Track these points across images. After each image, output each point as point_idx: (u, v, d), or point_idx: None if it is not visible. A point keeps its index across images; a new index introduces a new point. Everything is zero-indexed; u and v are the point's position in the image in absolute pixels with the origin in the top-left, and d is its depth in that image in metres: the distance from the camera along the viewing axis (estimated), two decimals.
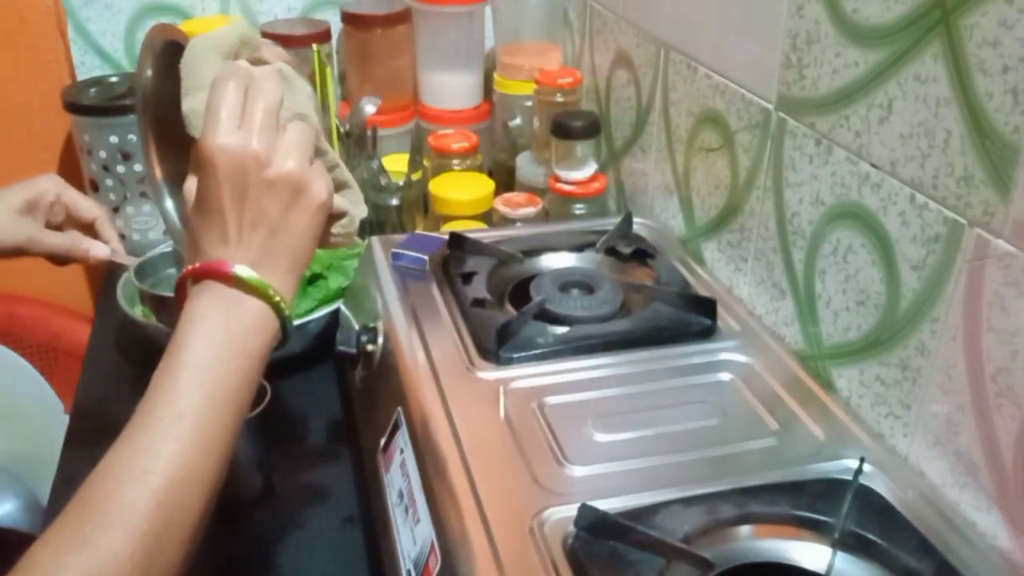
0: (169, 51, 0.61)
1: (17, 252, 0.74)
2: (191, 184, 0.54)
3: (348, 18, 1.23)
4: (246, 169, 0.52)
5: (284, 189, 0.53)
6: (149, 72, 0.61)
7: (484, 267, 0.85)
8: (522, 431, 0.65)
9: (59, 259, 0.76)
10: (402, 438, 0.68)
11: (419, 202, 1.14)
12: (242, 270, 0.53)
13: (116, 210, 1.16)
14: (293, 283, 0.56)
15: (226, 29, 0.59)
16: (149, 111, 0.59)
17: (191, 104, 0.55)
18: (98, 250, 0.77)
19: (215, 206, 0.53)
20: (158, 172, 0.64)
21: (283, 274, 0.54)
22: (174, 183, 0.67)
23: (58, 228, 0.76)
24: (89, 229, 0.78)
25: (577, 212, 1.06)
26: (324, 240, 0.59)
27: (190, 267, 0.53)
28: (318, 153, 0.58)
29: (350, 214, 0.61)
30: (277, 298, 0.54)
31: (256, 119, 0.53)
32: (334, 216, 0.60)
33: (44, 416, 1.26)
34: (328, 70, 1.10)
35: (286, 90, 0.57)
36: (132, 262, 0.87)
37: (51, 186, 0.75)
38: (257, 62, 0.59)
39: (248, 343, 0.53)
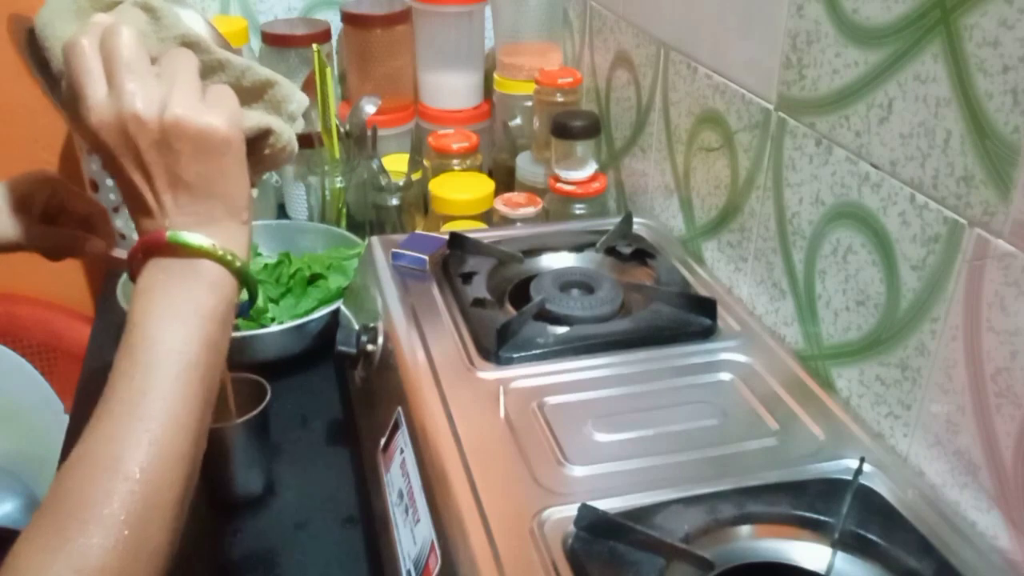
0: (33, 37, 0.56)
1: (13, 247, 0.73)
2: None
3: (348, 18, 1.23)
4: (131, 135, 0.49)
5: (178, 142, 0.49)
6: (36, 73, 0.56)
7: (484, 267, 0.85)
8: (522, 431, 0.65)
9: (54, 254, 0.75)
10: (402, 438, 0.68)
11: (419, 202, 1.14)
12: (175, 235, 0.50)
13: (116, 210, 1.16)
14: (238, 229, 0.53)
15: None
16: (64, 110, 0.54)
17: (66, 89, 0.51)
18: (94, 245, 0.75)
19: (125, 182, 0.50)
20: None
21: (223, 225, 0.52)
22: None
23: (54, 223, 0.76)
24: (85, 224, 0.77)
25: (577, 212, 1.06)
26: (255, 169, 0.55)
27: (133, 247, 0.51)
28: (210, 72, 0.54)
29: (275, 128, 0.55)
30: (221, 252, 0.51)
31: (120, 77, 0.49)
32: (257, 138, 0.55)
33: (44, 416, 1.26)
34: (328, 70, 1.10)
35: (150, 20, 0.53)
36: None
37: (47, 181, 0.75)
38: (113, 5, 0.54)
39: (203, 307, 0.50)
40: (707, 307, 0.78)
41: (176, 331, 0.49)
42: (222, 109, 0.51)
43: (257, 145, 0.55)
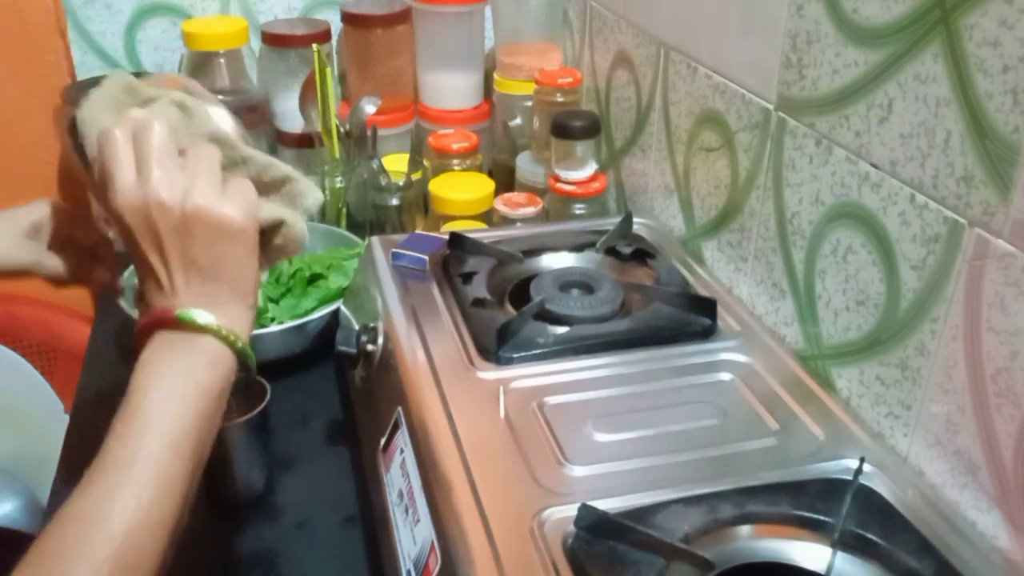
0: (75, 124, 0.60)
1: (20, 273, 0.74)
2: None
3: (348, 18, 1.23)
4: (153, 219, 0.52)
5: (196, 228, 0.53)
6: (75, 156, 0.59)
7: (484, 267, 0.85)
8: (522, 431, 0.65)
9: (60, 281, 0.77)
10: (402, 438, 0.68)
11: (419, 202, 1.14)
12: (183, 313, 0.53)
13: None
14: (243, 312, 0.55)
15: (107, 83, 0.58)
16: (94, 193, 0.58)
17: (99, 174, 0.54)
18: (100, 274, 0.77)
19: (141, 260, 0.54)
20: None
21: (228, 307, 0.54)
22: None
23: (61, 251, 0.76)
24: (91, 253, 0.78)
25: (577, 212, 1.06)
26: (267, 256, 0.58)
27: (142, 321, 0.54)
28: (233, 165, 0.57)
29: (288, 221, 0.58)
30: (224, 332, 0.53)
31: (149, 164, 0.52)
32: (270, 229, 0.58)
33: (44, 416, 1.26)
34: (328, 70, 1.10)
35: (183, 116, 0.56)
36: (133, 285, 0.87)
37: (56, 210, 0.76)
38: (150, 101, 0.58)
39: (201, 383, 0.53)
40: (707, 307, 0.78)
41: (173, 402, 0.51)
42: (240, 200, 0.54)
43: (270, 235, 0.58)
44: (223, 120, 0.60)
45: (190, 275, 0.54)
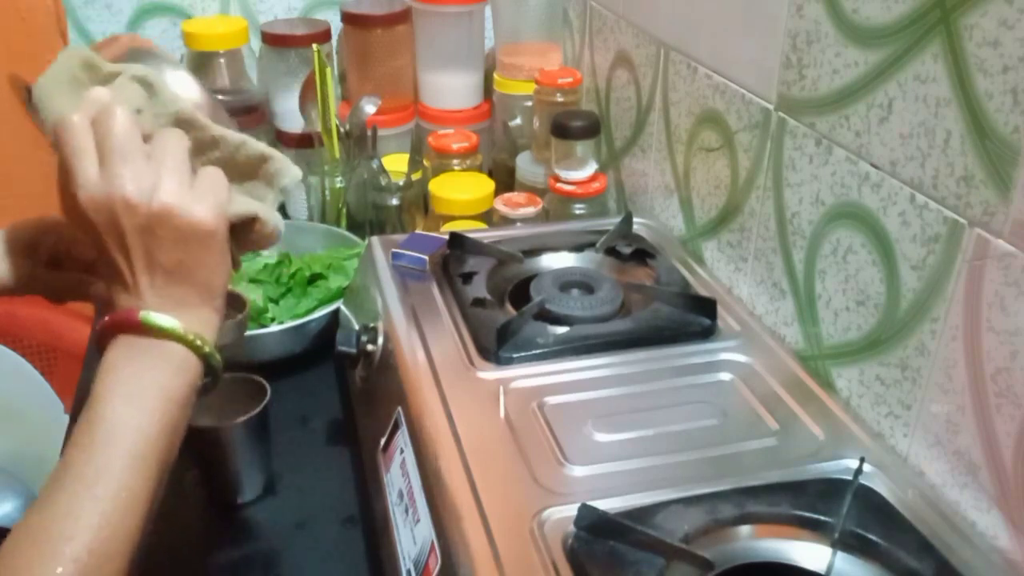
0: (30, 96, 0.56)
1: (18, 291, 0.74)
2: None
3: (348, 18, 1.23)
4: (118, 217, 0.49)
5: (163, 229, 0.50)
6: (40, 127, 0.56)
7: (484, 267, 0.85)
8: (522, 431, 0.65)
9: (58, 297, 0.76)
10: (402, 438, 0.68)
11: (419, 202, 1.14)
12: (147, 316, 0.50)
13: None
14: (210, 316, 0.53)
15: (63, 57, 0.54)
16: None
17: (60, 162, 0.51)
18: (97, 289, 0.77)
19: (107, 258, 0.51)
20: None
21: (196, 311, 0.52)
22: None
23: (58, 268, 0.76)
24: (89, 269, 0.78)
25: (577, 212, 1.06)
26: (240, 249, 0.56)
27: (104, 323, 0.51)
28: (205, 148, 0.54)
29: (261, 216, 0.55)
30: (191, 336, 0.51)
31: (113, 157, 0.49)
32: (242, 223, 0.55)
33: (44, 416, 1.26)
34: (328, 70, 1.10)
35: (146, 95, 0.53)
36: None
37: (54, 227, 0.75)
38: (111, 77, 0.54)
39: (166, 390, 0.51)
40: (707, 307, 0.78)
41: (137, 411, 0.49)
42: (210, 199, 0.51)
43: (243, 229, 0.55)
44: (189, 89, 0.56)
45: (155, 277, 0.51)
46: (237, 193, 0.55)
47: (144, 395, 0.50)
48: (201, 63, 1.19)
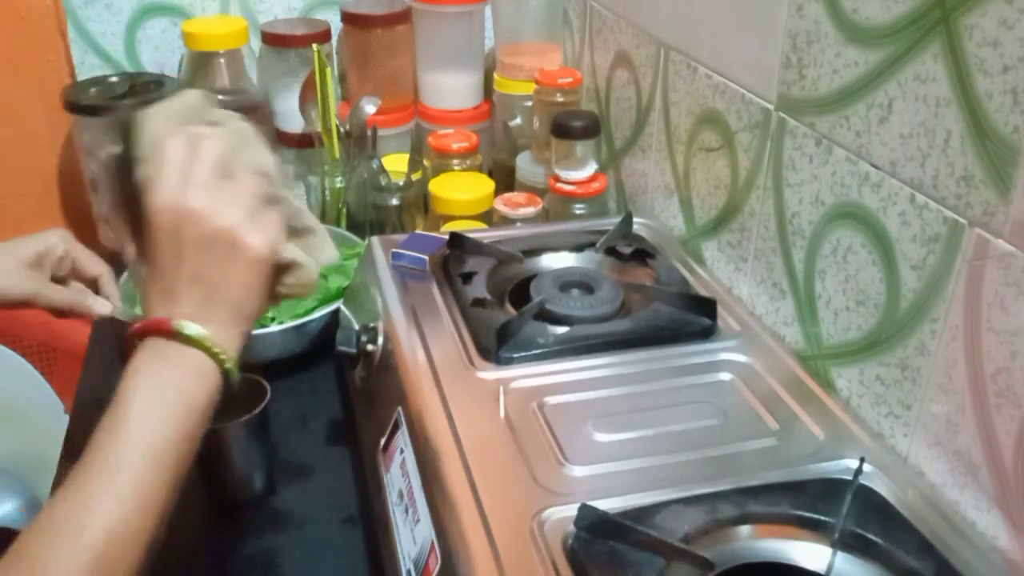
0: (132, 125, 0.61)
1: (23, 304, 0.75)
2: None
3: (348, 18, 1.23)
4: (183, 226, 0.54)
5: (220, 245, 0.54)
6: (114, 149, 0.60)
7: (484, 267, 0.85)
8: (522, 431, 0.65)
9: (61, 312, 0.77)
10: (402, 438, 0.68)
11: (419, 202, 1.14)
12: (180, 324, 0.53)
13: None
14: (237, 336, 0.56)
15: (182, 97, 0.60)
16: (118, 189, 0.59)
17: (146, 171, 0.56)
18: (101, 307, 0.78)
19: (159, 262, 0.55)
20: (131, 250, 0.63)
21: (224, 328, 0.55)
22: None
23: (62, 281, 0.77)
24: (93, 284, 0.79)
25: (577, 212, 1.06)
26: (275, 292, 0.60)
27: (135, 325, 0.54)
28: (272, 202, 0.59)
29: (304, 265, 0.60)
30: (216, 350, 0.54)
31: (197, 175, 0.55)
32: (284, 267, 0.59)
33: (44, 416, 1.26)
34: (328, 70, 1.10)
35: (240, 145, 0.58)
36: (133, 318, 0.87)
37: (59, 241, 0.76)
38: (213, 124, 0.60)
39: (187, 396, 0.53)
40: (707, 307, 0.78)
41: (159, 416, 0.52)
42: (266, 233, 0.56)
43: (284, 274, 0.59)
44: (272, 164, 0.62)
45: (197, 289, 0.54)
46: (287, 243, 0.60)
47: (166, 400, 0.52)
48: (201, 63, 1.19)
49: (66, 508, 0.48)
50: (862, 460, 0.61)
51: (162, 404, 0.52)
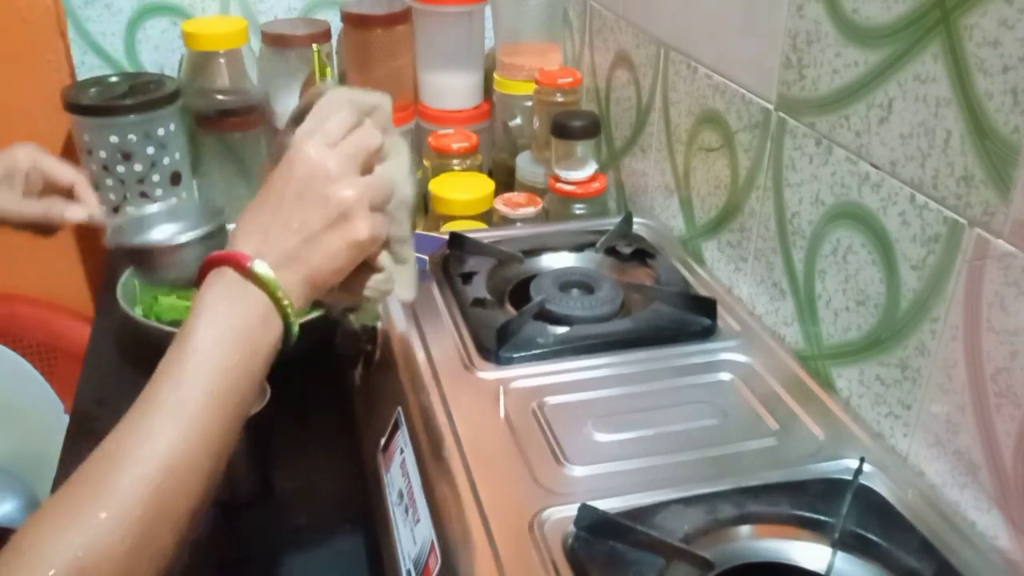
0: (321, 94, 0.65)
1: (4, 222, 0.74)
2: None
3: (348, 18, 1.23)
4: (313, 177, 0.55)
5: (333, 209, 0.55)
6: (297, 109, 0.63)
7: (484, 267, 0.85)
8: (522, 431, 0.65)
9: (39, 228, 0.76)
10: (402, 438, 0.68)
11: (419, 202, 1.14)
12: (259, 265, 0.53)
13: (116, 210, 1.16)
14: (304, 294, 0.56)
15: (375, 96, 0.62)
16: (286, 133, 0.62)
17: (308, 123, 0.58)
18: (73, 212, 0.76)
19: (271, 197, 0.55)
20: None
21: (297, 282, 0.55)
22: None
23: (36, 196, 0.76)
24: (70, 195, 0.78)
25: (577, 212, 1.06)
26: (353, 286, 0.60)
27: (217, 252, 0.54)
28: (390, 215, 0.61)
29: (389, 275, 0.62)
30: (283, 298, 0.54)
31: (346, 148, 0.57)
32: (371, 266, 0.60)
33: (44, 416, 1.26)
34: (328, 70, 1.10)
35: (395, 161, 0.61)
36: (111, 222, 0.87)
37: (25, 155, 0.75)
38: (386, 131, 0.63)
39: (253, 338, 0.53)
40: (707, 307, 0.78)
41: (227, 355, 0.51)
42: (376, 226, 0.58)
43: (365, 270, 0.61)
44: (409, 187, 0.65)
45: (289, 236, 0.54)
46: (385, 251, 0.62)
47: (233, 339, 0.52)
48: (201, 63, 1.19)
49: (129, 437, 0.47)
50: (862, 460, 0.61)
51: (228, 343, 0.51)
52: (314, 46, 1.10)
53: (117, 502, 0.45)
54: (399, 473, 0.66)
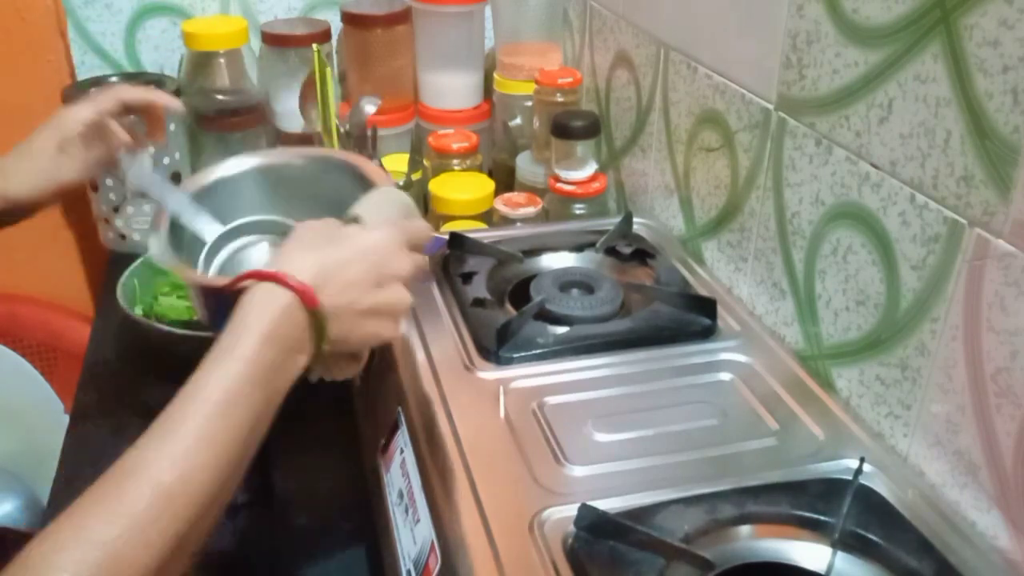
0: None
1: (84, 180, 0.78)
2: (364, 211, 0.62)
3: (348, 18, 1.23)
4: (375, 252, 0.58)
5: (391, 306, 0.58)
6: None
7: (484, 267, 0.85)
8: (522, 431, 0.65)
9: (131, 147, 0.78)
10: (402, 438, 0.68)
11: (419, 202, 1.14)
12: (320, 308, 0.54)
13: (116, 210, 1.16)
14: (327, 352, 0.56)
15: (408, 207, 0.68)
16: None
17: (359, 210, 0.62)
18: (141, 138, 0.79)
19: (342, 253, 0.56)
20: None
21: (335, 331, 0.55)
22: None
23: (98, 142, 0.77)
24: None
25: (577, 212, 1.06)
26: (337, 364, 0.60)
27: (278, 274, 0.53)
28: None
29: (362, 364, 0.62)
30: (324, 342, 0.54)
31: (411, 237, 0.61)
32: (355, 357, 0.60)
33: (44, 416, 1.26)
34: (328, 70, 1.10)
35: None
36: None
37: (73, 120, 0.76)
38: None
39: (292, 369, 0.53)
40: (707, 307, 0.78)
41: (279, 376, 0.52)
42: (393, 329, 0.59)
43: (348, 359, 0.60)
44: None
45: (342, 295, 0.55)
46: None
47: (281, 368, 0.52)
48: (201, 63, 1.19)
49: (148, 451, 0.47)
50: (862, 460, 0.61)
51: (274, 370, 0.51)
52: (314, 46, 1.10)
53: (129, 520, 0.44)
54: (399, 473, 0.66)
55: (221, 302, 0.55)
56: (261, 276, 0.54)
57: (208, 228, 0.70)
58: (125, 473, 0.46)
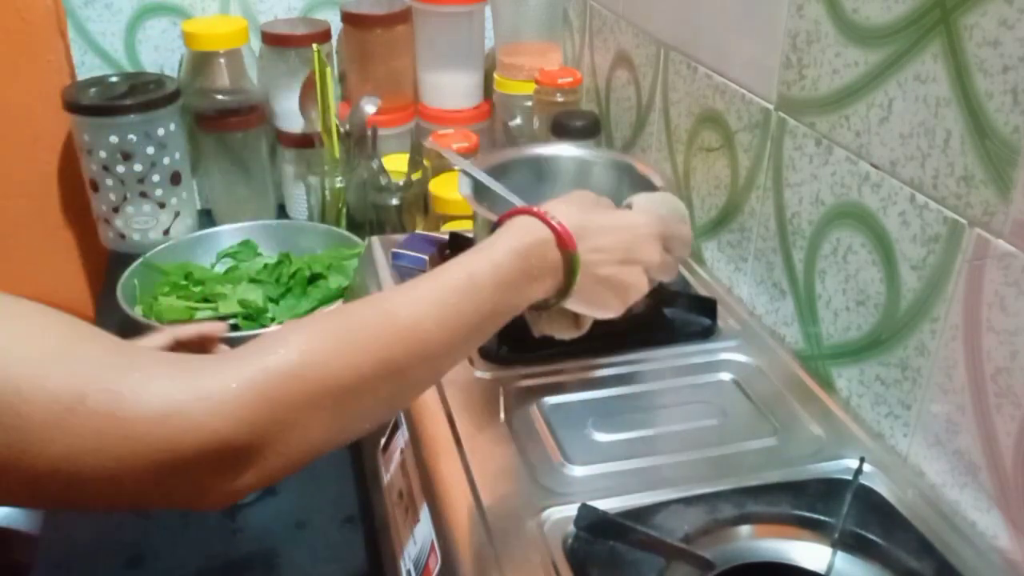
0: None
1: None
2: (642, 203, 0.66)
3: (348, 18, 1.23)
4: (638, 237, 0.60)
5: (636, 278, 0.60)
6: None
7: None
8: (522, 431, 0.65)
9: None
10: (402, 438, 0.68)
11: (419, 202, 1.14)
12: (577, 256, 0.56)
13: (116, 210, 1.16)
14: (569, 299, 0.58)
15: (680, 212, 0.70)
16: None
17: (634, 199, 0.67)
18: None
19: (609, 221, 0.60)
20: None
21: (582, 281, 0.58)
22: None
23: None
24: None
25: None
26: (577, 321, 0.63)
27: (552, 220, 0.56)
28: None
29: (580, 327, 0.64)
30: (572, 286, 0.57)
31: (674, 241, 0.64)
32: (577, 322, 0.63)
33: None
34: (328, 70, 1.10)
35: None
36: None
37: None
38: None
39: (532, 282, 0.55)
40: (707, 307, 0.78)
41: (513, 292, 0.55)
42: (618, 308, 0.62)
43: (565, 316, 0.63)
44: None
45: (605, 256, 0.58)
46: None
47: (526, 285, 0.55)
48: (201, 63, 1.19)
49: (401, 297, 0.51)
50: (862, 460, 0.61)
51: (524, 282, 0.54)
52: (314, 46, 1.10)
53: (357, 325, 0.48)
54: (399, 473, 0.66)
55: None
56: (530, 211, 0.57)
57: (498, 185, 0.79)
58: (362, 301, 0.50)
